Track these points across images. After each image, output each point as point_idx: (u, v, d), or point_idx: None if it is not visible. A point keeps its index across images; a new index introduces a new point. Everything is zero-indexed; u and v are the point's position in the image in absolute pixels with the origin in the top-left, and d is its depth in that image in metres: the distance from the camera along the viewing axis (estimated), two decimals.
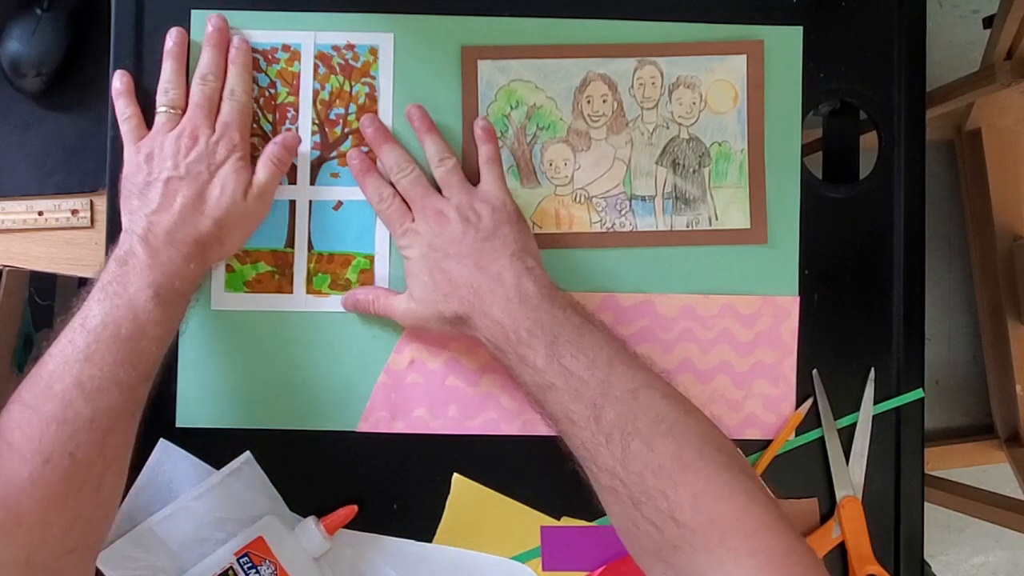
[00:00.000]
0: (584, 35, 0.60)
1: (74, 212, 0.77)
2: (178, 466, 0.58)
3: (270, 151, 0.56)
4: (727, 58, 0.59)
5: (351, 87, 0.59)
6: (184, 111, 0.56)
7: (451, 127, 0.59)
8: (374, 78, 0.59)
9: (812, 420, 0.60)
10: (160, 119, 0.55)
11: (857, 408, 0.60)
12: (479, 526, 0.59)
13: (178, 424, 0.58)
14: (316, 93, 0.59)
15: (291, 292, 0.59)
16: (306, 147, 0.59)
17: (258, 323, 0.58)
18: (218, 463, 0.58)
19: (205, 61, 0.56)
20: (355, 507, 0.57)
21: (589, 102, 0.59)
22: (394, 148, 0.57)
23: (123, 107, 0.57)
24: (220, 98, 0.56)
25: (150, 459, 0.58)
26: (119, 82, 0.57)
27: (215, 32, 0.57)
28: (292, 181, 0.59)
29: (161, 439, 0.58)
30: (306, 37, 0.59)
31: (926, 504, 0.61)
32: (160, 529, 0.58)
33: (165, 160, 0.53)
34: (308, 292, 0.59)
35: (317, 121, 0.59)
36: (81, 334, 0.48)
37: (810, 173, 0.61)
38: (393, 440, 0.59)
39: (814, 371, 0.60)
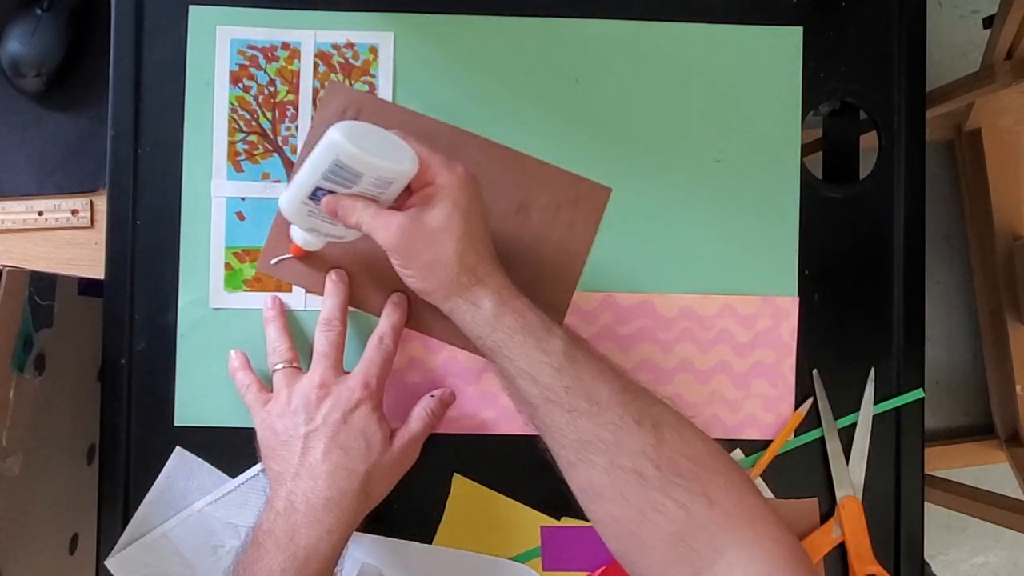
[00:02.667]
0: (584, 35, 0.60)
1: (74, 212, 0.77)
2: (193, 474, 0.58)
3: (427, 404, 0.56)
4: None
5: (351, 85, 0.59)
6: (297, 363, 0.55)
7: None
8: (374, 77, 0.59)
9: (812, 420, 0.60)
10: (279, 378, 0.54)
11: (857, 408, 0.60)
12: (479, 526, 0.59)
13: (176, 423, 0.58)
14: (316, 92, 0.59)
15: (290, 291, 0.59)
16: None
17: (257, 322, 0.58)
18: (217, 462, 0.58)
19: (329, 307, 0.55)
20: None
21: None
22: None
23: (242, 379, 0.56)
24: (343, 344, 0.54)
25: (166, 467, 0.58)
26: (236, 360, 0.57)
27: (339, 281, 0.56)
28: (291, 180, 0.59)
29: (177, 447, 0.58)
30: (306, 35, 0.59)
31: (926, 504, 0.61)
32: (174, 535, 0.58)
33: (297, 415, 0.51)
34: (307, 291, 0.59)
35: None
36: None
37: (810, 173, 0.61)
38: None
39: (814, 371, 0.60)
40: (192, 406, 0.59)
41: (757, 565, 0.42)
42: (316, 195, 0.49)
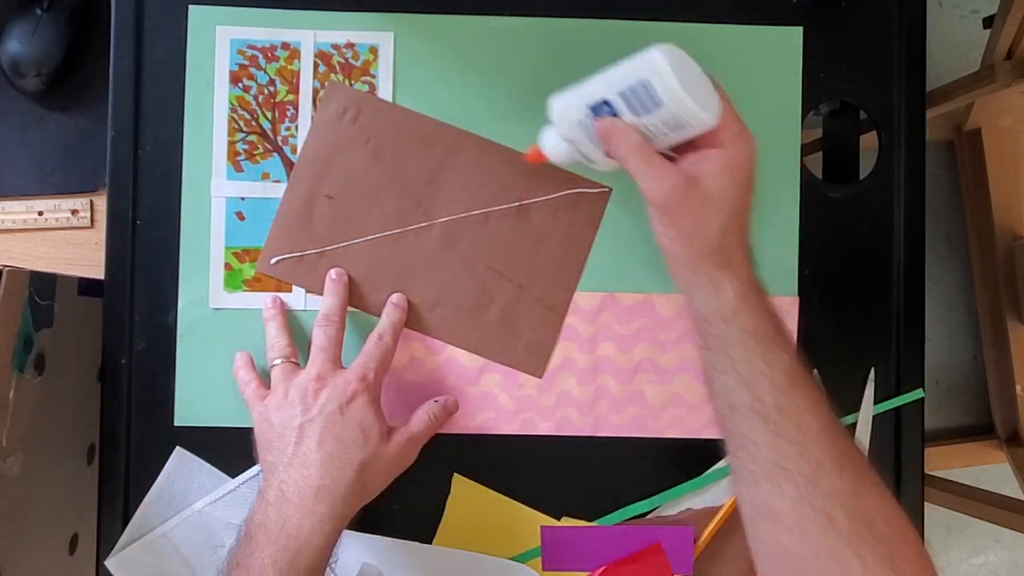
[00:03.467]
0: (584, 35, 0.60)
1: (74, 212, 0.77)
2: (193, 473, 0.58)
3: (431, 408, 0.56)
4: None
5: (351, 86, 0.59)
6: (295, 359, 0.55)
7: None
8: (374, 77, 0.59)
9: None
10: (276, 372, 0.54)
11: (857, 408, 0.60)
12: (479, 526, 0.59)
13: (176, 423, 0.58)
14: (316, 92, 0.59)
15: (290, 291, 0.59)
16: None
17: (257, 322, 0.58)
18: (217, 462, 0.58)
19: (328, 305, 0.56)
20: None
21: None
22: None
23: (243, 376, 0.56)
24: (341, 340, 0.55)
25: (166, 467, 0.58)
26: (240, 360, 0.57)
27: (338, 280, 0.57)
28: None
29: (177, 447, 0.58)
30: (306, 35, 0.59)
31: (926, 504, 0.61)
32: (174, 535, 0.58)
33: (294, 407, 0.51)
34: (307, 291, 0.59)
35: None
36: None
37: (810, 173, 0.61)
38: None
39: (814, 371, 0.60)
40: (192, 406, 0.59)
41: None
42: (599, 108, 0.45)
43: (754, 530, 0.45)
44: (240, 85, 0.59)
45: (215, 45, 0.59)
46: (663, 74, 0.42)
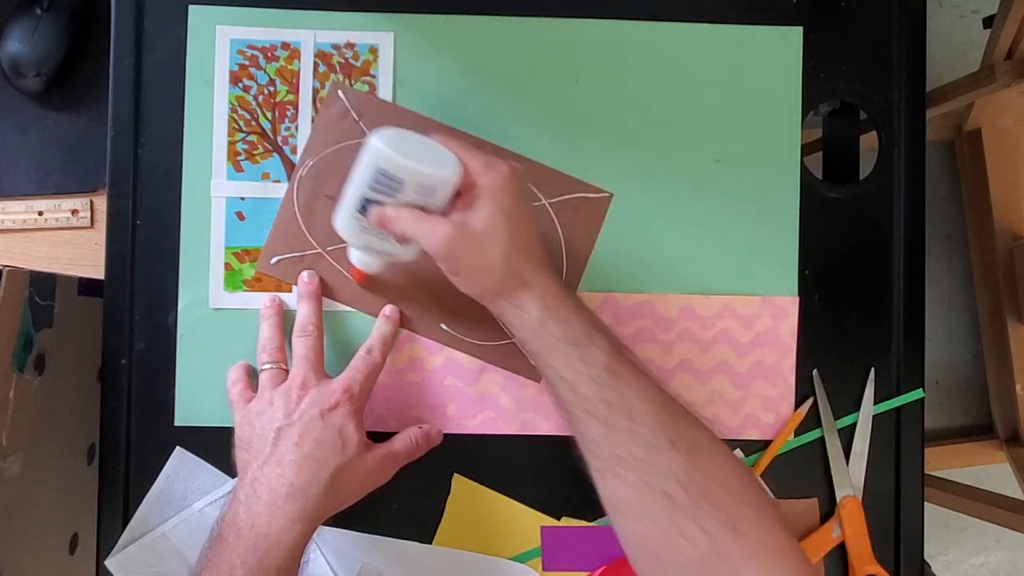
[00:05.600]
0: (584, 35, 0.60)
1: (74, 212, 0.77)
2: (193, 474, 0.58)
3: (414, 433, 0.56)
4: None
5: (351, 86, 0.59)
6: (285, 365, 0.55)
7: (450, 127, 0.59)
8: (374, 77, 0.59)
9: (812, 420, 0.60)
10: (264, 378, 0.54)
11: (857, 408, 0.60)
12: (479, 526, 0.59)
13: (177, 423, 0.59)
14: (316, 92, 0.59)
15: (290, 291, 0.59)
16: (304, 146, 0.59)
17: (257, 322, 0.58)
18: (217, 462, 0.58)
19: (303, 314, 0.56)
20: None
21: None
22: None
23: (232, 377, 0.56)
24: (322, 348, 0.55)
25: (166, 467, 0.58)
26: (237, 365, 0.57)
27: (309, 283, 0.57)
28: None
29: (177, 447, 0.58)
30: (306, 35, 0.59)
31: (926, 504, 0.61)
32: (173, 535, 0.58)
33: (276, 411, 0.51)
34: None
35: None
36: None
37: (810, 173, 0.61)
38: None
39: (814, 371, 0.60)
40: (192, 406, 0.59)
41: None
42: (365, 208, 0.49)
43: (617, 529, 0.46)
44: (240, 85, 0.59)
45: (215, 45, 0.59)
46: (385, 155, 0.47)
